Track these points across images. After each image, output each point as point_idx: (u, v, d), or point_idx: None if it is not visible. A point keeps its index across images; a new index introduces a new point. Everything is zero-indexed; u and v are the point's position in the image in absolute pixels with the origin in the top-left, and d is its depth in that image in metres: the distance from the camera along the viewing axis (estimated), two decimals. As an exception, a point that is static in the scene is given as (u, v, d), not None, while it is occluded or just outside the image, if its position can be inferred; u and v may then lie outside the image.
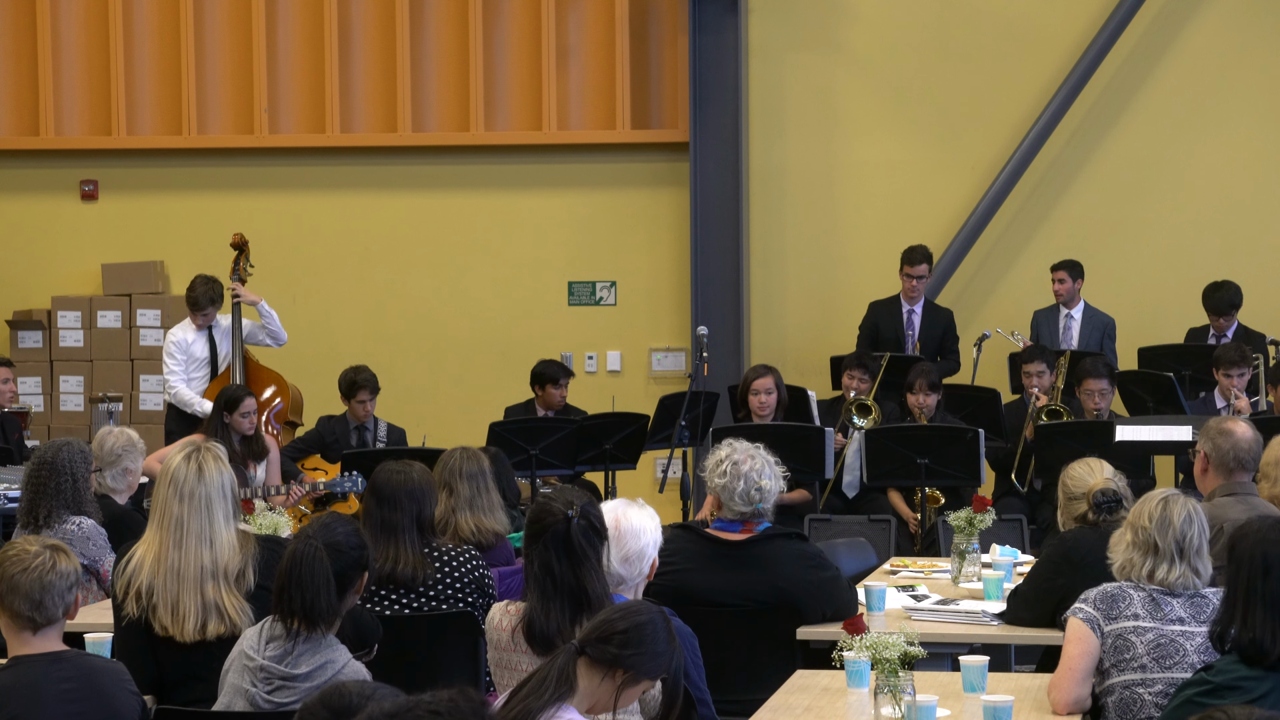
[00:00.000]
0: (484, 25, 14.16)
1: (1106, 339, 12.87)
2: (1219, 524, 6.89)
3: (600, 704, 4.47)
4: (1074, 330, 12.92)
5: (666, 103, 14.22)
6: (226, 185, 14.51)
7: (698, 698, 5.54)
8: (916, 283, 12.96)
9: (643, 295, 14.28)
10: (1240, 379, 11.24)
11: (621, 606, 4.60)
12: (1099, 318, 12.98)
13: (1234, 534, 5.06)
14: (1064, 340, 12.81)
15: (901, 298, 13.04)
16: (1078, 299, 12.98)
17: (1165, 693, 5.42)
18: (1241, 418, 7.72)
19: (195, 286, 12.24)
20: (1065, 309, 12.97)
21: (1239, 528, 5.10)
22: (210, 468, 5.97)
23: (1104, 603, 5.59)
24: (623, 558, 5.49)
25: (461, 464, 7.38)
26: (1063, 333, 12.91)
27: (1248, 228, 13.66)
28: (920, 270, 12.94)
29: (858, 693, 5.72)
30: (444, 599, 6.59)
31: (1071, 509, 6.77)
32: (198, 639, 5.88)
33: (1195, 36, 13.76)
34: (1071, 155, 13.88)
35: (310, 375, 13.10)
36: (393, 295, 14.44)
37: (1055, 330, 12.93)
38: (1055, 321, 12.98)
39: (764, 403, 11.22)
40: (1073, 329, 12.93)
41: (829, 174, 14.10)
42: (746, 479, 6.67)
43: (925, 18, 13.97)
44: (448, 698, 3.59)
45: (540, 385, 12.36)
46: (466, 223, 14.40)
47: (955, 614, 6.98)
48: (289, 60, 14.40)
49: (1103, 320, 12.97)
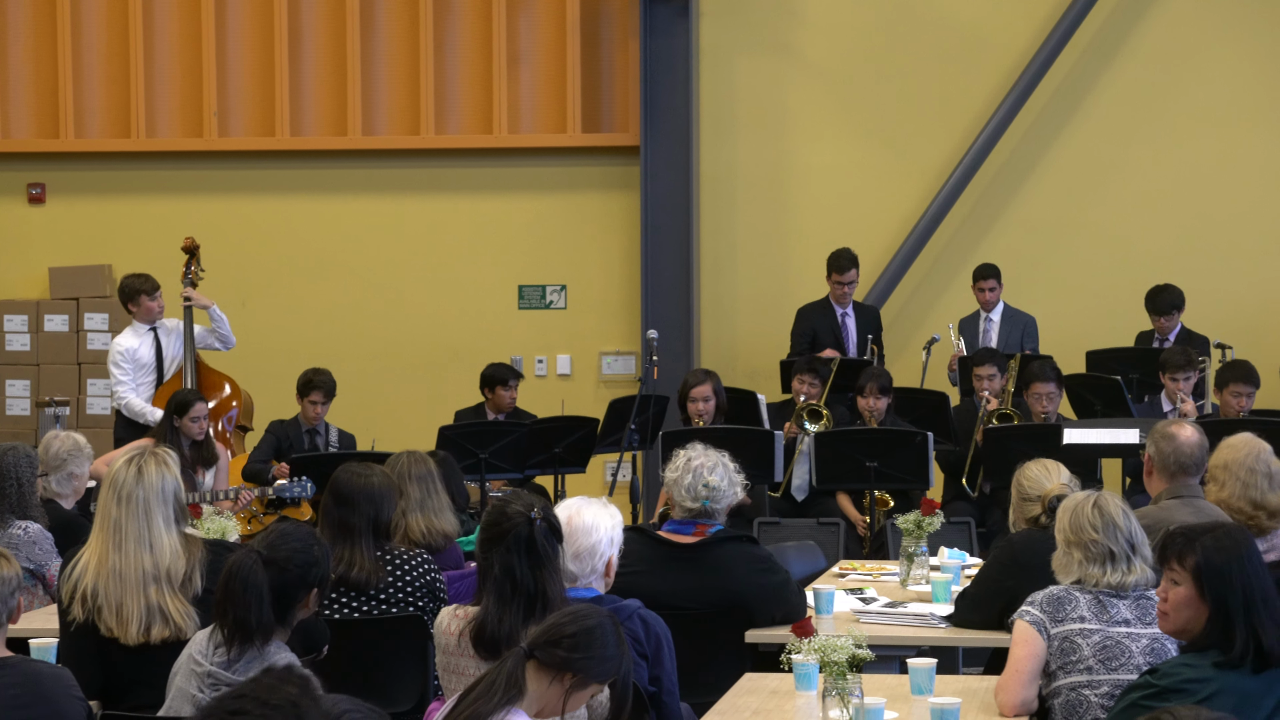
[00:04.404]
0: (435, 28, 14.15)
1: (1026, 338, 12.91)
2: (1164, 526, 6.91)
3: (549, 708, 4.46)
4: (993, 332, 12.97)
5: (617, 106, 14.23)
6: (175, 189, 14.46)
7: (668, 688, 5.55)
8: (847, 289, 12.97)
9: (593, 299, 14.28)
10: (1186, 383, 11.30)
11: (571, 610, 4.60)
12: (1018, 318, 13.03)
13: (1200, 553, 4.93)
14: (984, 343, 12.85)
15: (831, 301, 13.03)
16: (999, 302, 13.05)
17: (1111, 694, 5.45)
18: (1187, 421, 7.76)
19: (122, 281, 12.23)
20: (985, 313, 13.02)
21: (1195, 544, 4.96)
22: (151, 472, 5.94)
23: (1050, 605, 5.61)
24: (574, 553, 5.50)
25: (410, 466, 7.39)
26: (981, 336, 12.95)
27: (1194, 231, 13.74)
28: (850, 277, 12.95)
29: (806, 695, 5.73)
30: (395, 603, 6.58)
31: (1025, 510, 6.78)
32: (142, 642, 5.86)
33: (1141, 43, 13.84)
34: (1020, 160, 13.95)
35: (260, 379, 13.05)
36: (343, 298, 14.41)
37: (976, 335, 12.97)
38: (975, 326, 13.03)
39: (702, 410, 11.22)
40: (991, 331, 12.98)
41: (779, 178, 14.13)
42: (695, 474, 6.72)
43: (875, 22, 14.02)
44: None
45: (490, 387, 12.37)
46: (417, 226, 14.38)
47: (903, 616, 7.00)
48: (238, 63, 14.36)
49: (1022, 320, 13.02)
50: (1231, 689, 4.85)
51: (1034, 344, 12.89)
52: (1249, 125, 13.73)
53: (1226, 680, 4.86)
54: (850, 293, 13.02)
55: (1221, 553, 4.92)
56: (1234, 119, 13.74)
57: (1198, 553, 4.93)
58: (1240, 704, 4.82)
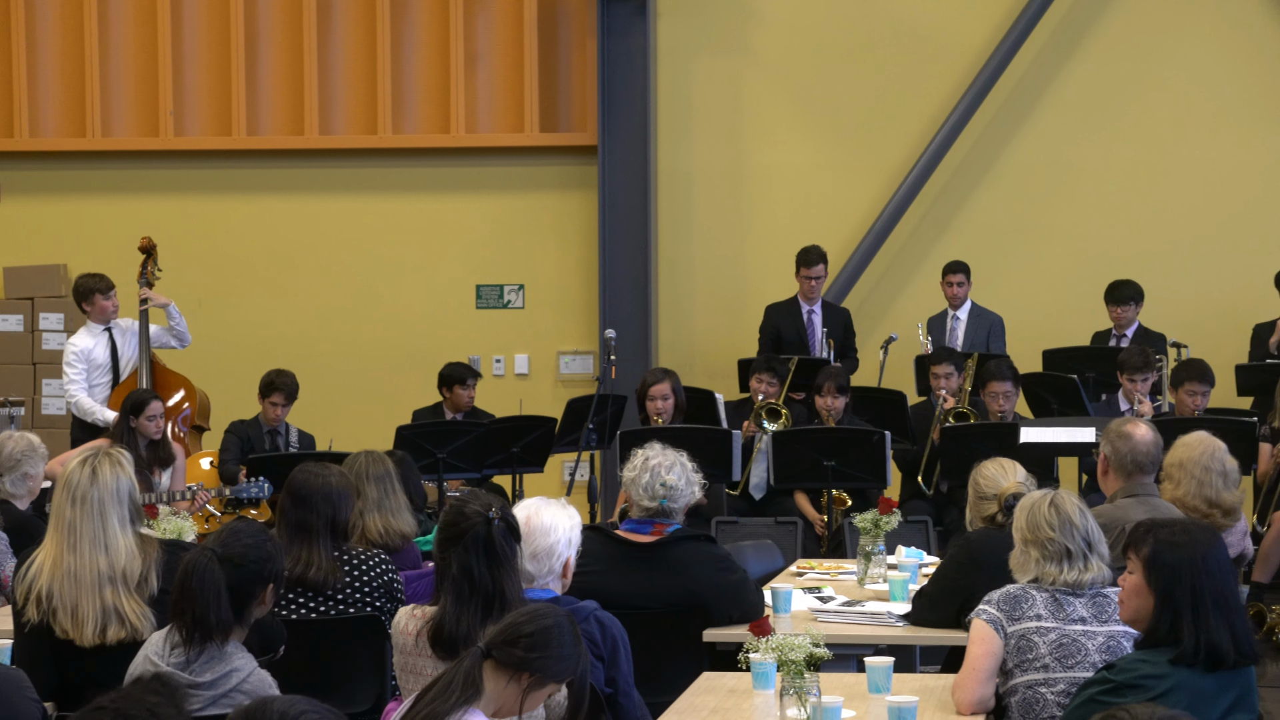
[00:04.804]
0: (392, 28, 14.12)
1: (993, 338, 12.95)
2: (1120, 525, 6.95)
3: (506, 707, 4.46)
4: (959, 331, 13.00)
5: (575, 106, 14.22)
6: (131, 188, 14.39)
7: (624, 689, 5.56)
8: (815, 283, 13.00)
9: (551, 298, 14.27)
10: (1144, 383, 11.34)
11: (528, 610, 4.59)
12: (986, 317, 13.07)
13: (1152, 543, 4.98)
14: (950, 341, 12.89)
15: (799, 299, 13.06)
16: (966, 300, 13.08)
17: (1067, 692, 5.47)
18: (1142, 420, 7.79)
19: (76, 281, 12.19)
20: (952, 311, 13.06)
21: (1157, 538, 5.01)
22: (105, 472, 5.92)
23: (1007, 604, 5.62)
24: (531, 554, 5.50)
25: (367, 466, 7.37)
26: (949, 335, 12.99)
27: (1151, 231, 13.79)
28: (818, 271, 12.97)
29: (764, 694, 5.73)
30: (353, 603, 6.56)
31: (981, 508, 6.80)
32: (98, 643, 5.84)
33: (1098, 43, 13.89)
34: (977, 159, 13.98)
35: (216, 379, 13.02)
36: (300, 298, 14.37)
37: (943, 333, 13.01)
38: (944, 325, 13.06)
39: (660, 408, 11.23)
40: (958, 330, 13.01)
41: (737, 177, 14.14)
42: (653, 473, 6.72)
43: (833, 22, 14.04)
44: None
45: (448, 387, 12.36)
46: (374, 226, 14.35)
47: (861, 615, 7.02)
48: (194, 62, 14.30)
49: (990, 319, 13.06)
50: (1187, 686, 4.88)
51: (1001, 344, 12.93)
52: (1204, 125, 13.79)
53: (1182, 677, 4.89)
54: (818, 288, 13.04)
55: (1174, 547, 4.95)
56: (1190, 118, 13.80)
57: (1150, 543, 4.97)
58: (1195, 701, 4.84)
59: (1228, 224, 13.75)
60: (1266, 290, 12.79)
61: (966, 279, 13.03)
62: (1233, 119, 13.77)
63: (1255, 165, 13.74)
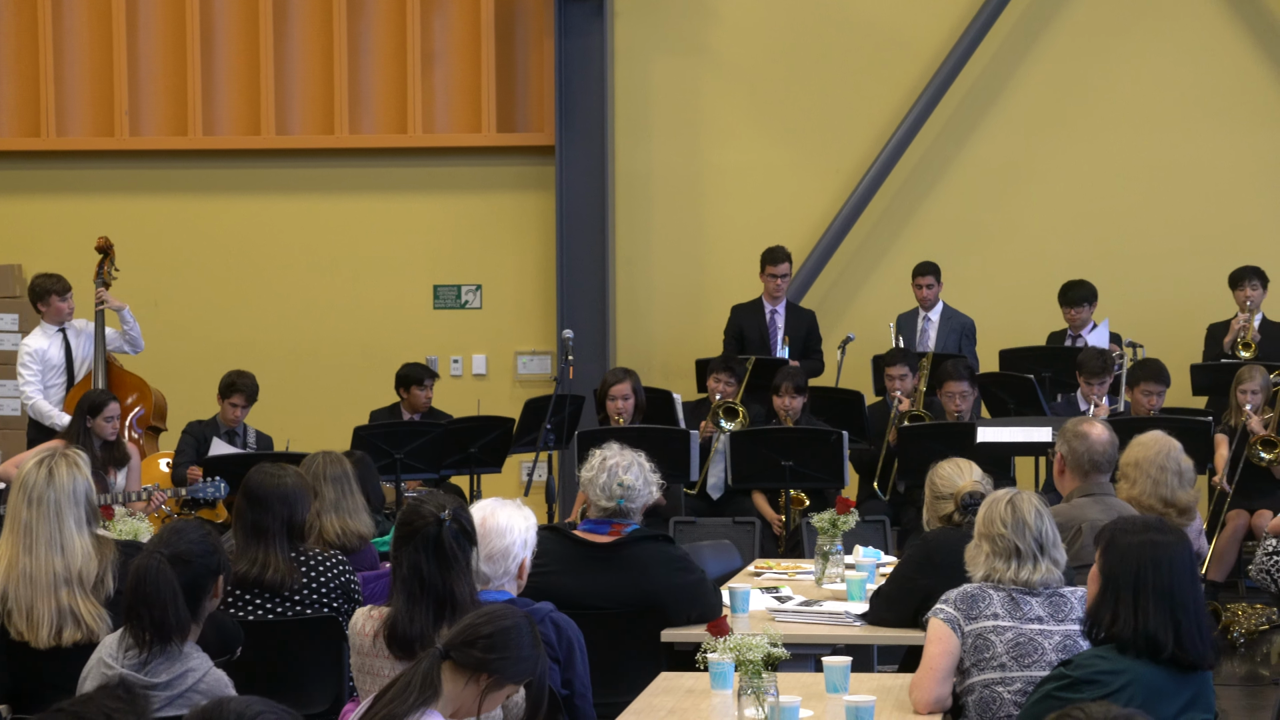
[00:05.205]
0: (348, 27, 14.09)
1: (965, 340, 12.98)
2: (1077, 525, 6.99)
3: (464, 709, 4.46)
4: (931, 333, 13.03)
5: (532, 106, 14.21)
6: (86, 188, 14.33)
7: (580, 691, 5.56)
8: (780, 281, 13.01)
9: (508, 298, 14.26)
10: (1101, 386, 11.39)
11: (486, 611, 4.59)
12: (957, 319, 13.09)
13: (1110, 529, 5.08)
14: (921, 343, 12.92)
15: (764, 299, 13.09)
16: (938, 301, 13.10)
17: (1024, 691, 5.49)
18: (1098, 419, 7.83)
19: (32, 281, 12.13)
20: (923, 312, 13.08)
21: (1115, 523, 5.12)
22: (62, 473, 5.90)
23: (964, 603, 5.64)
24: (487, 555, 5.49)
25: (325, 467, 7.36)
26: (920, 335, 13.02)
27: (1106, 231, 13.85)
28: (783, 269, 12.99)
29: (722, 694, 5.73)
30: (310, 604, 6.55)
31: (938, 508, 6.82)
32: (53, 645, 5.81)
33: (1054, 44, 13.94)
34: (935, 159, 14.02)
35: (172, 380, 12.97)
36: (257, 299, 14.32)
37: (914, 333, 13.04)
38: (914, 325, 13.09)
39: (621, 408, 11.24)
40: (930, 331, 13.04)
41: (694, 177, 14.15)
42: (610, 473, 6.73)
43: (790, 22, 14.06)
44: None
45: (405, 387, 12.34)
46: (331, 226, 14.31)
47: (819, 615, 7.03)
48: (150, 61, 14.25)
49: (961, 321, 13.08)
50: (1143, 682, 4.90)
51: (971, 346, 12.95)
52: (1159, 125, 13.84)
53: (1138, 673, 4.91)
54: (783, 286, 13.04)
55: (1128, 536, 5.01)
56: (1145, 119, 13.85)
57: (1110, 533, 5.04)
58: (1151, 698, 4.87)
59: (1182, 224, 13.82)
60: (1220, 290, 12.86)
61: (936, 281, 13.02)
62: (1187, 120, 13.83)
63: (1210, 165, 13.81)
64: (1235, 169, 13.79)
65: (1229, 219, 13.77)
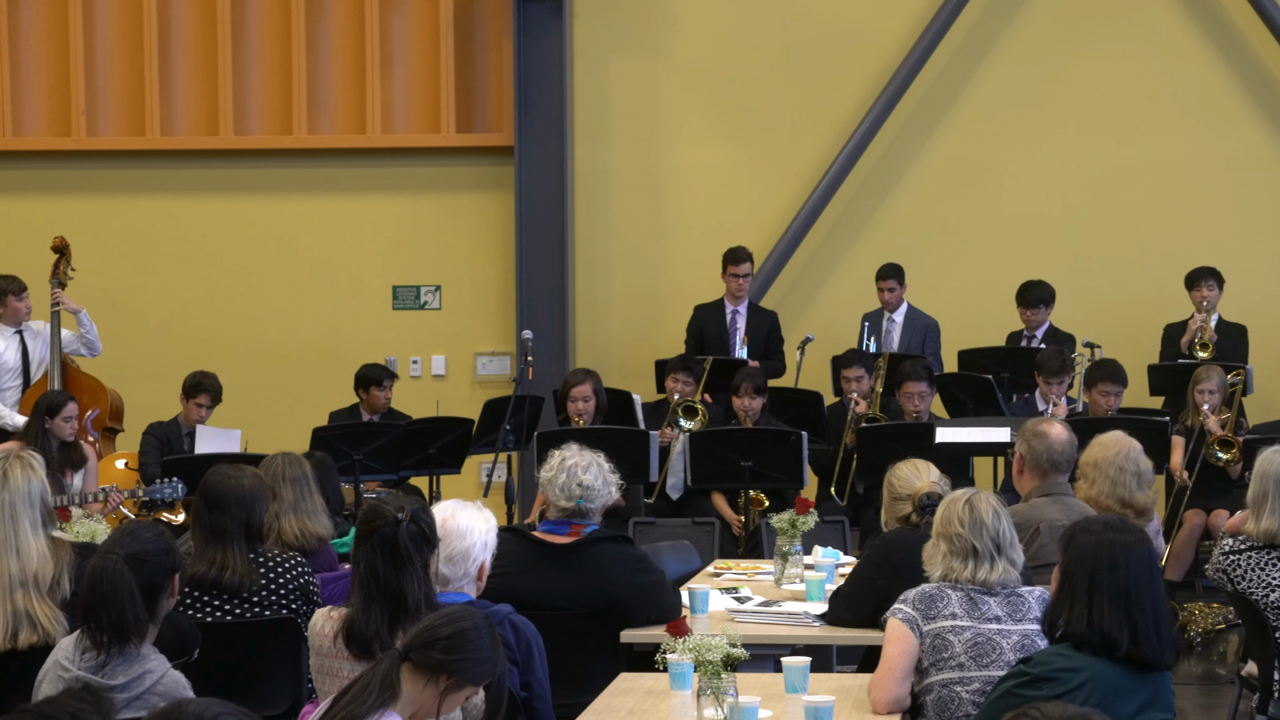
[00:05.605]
0: (307, 27, 14.05)
1: (928, 341, 13.01)
2: (1035, 524, 7.01)
3: (424, 710, 4.45)
4: (895, 334, 13.06)
5: (491, 107, 14.19)
6: (42, 188, 14.26)
7: (539, 693, 5.55)
8: (742, 282, 13.03)
9: (467, 299, 14.24)
10: (1060, 386, 11.43)
11: (446, 612, 4.58)
12: (921, 320, 13.12)
13: (1073, 527, 5.11)
14: (885, 343, 12.95)
15: (725, 300, 13.11)
16: (901, 303, 13.13)
17: (982, 691, 5.50)
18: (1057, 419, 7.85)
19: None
20: (888, 313, 13.11)
21: (1078, 523, 5.15)
22: (16, 475, 5.87)
23: (923, 603, 5.66)
24: (447, 557, 5.49)
25: (284, 468, 7.33)
26: (884, 336, 13.05)
27: (1063, 232, 13.90)
28: (744, 269, 13.01)
29: (681, 695, 5.74)
30: (268, 605, 6.53)
31: (896, 509, 6.83)
32: (8, 648, 5.78)
33: (1013, 44, 13.98)
34: (893, 160, 14.05)
35: (130, 381, 12.92)
36: (215, 299, 14.27)
37: (879, 333, 13.06)
38: (880, 325, 13.12)
39: (582, 409, 11.24)
40: (894, 332, 13.07)
41: (653, 178, 14.15)
42: (569, 473, 6.73)
43: (749, 24, 14.07)
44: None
45: (364, 388, 12.32)
46: (290, 227, 14.28)
47: (778, 615, 7.03)
48: (107, 61, 14.18)
49: (924, 322, 13.11)
50: (1101, 680, 4.92)
51: (935, 347, 12.98)
52: (1116, 127, 13.90)
53: (1096, 671, 4.93)
54: (744, 286, 13.06)
55: (1088, 534, 5.04)
56: (1102, 121, 13.91)
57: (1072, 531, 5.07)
58: (1109, 696, 4.89)
59: (1139, 225, 13.87)
60: (1177, 291, 12.92)
61: (899, 284, 13.03)
62: (1144, 121, 13.89)
63: (1166, 166, 13.86)
64: (1191, 170, 13.85)
65: (1185, 220, 13.84)
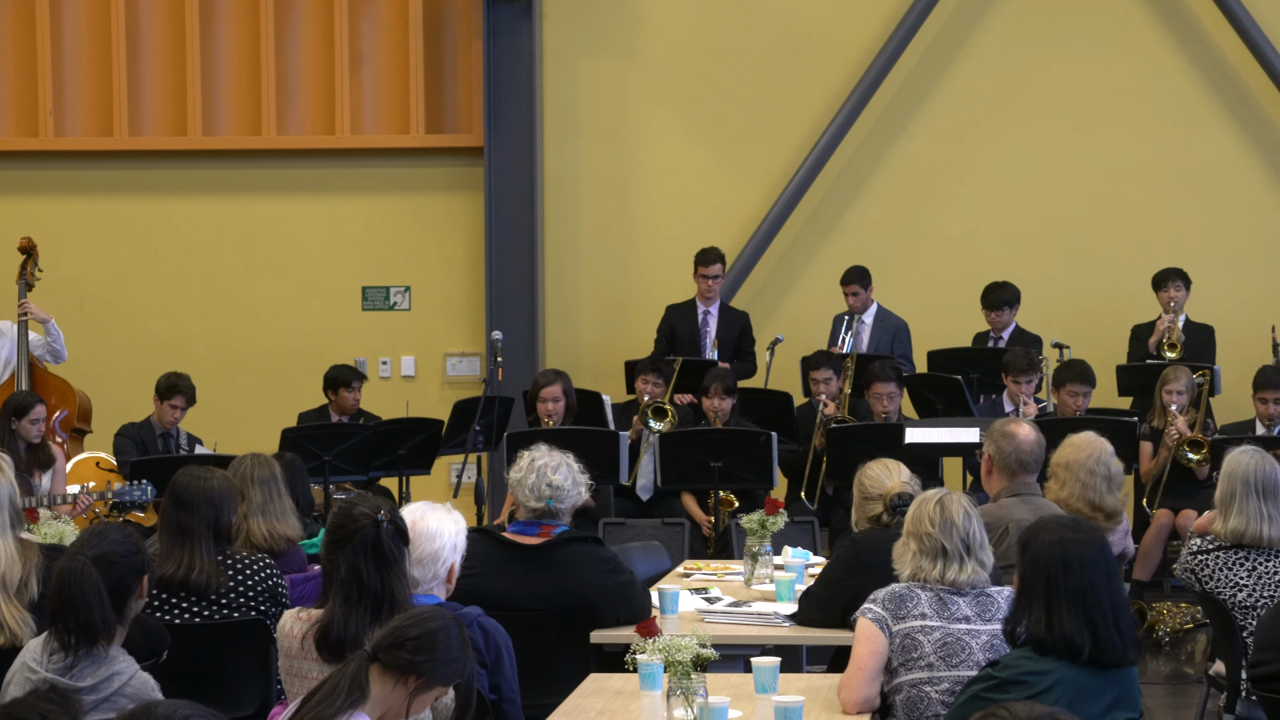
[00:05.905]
0: (276, 28, 14.02)
1: (898, 341, 13.02)
2: (1004, 524, 7.02)
3: (393, 711, 4.44)
4: (864, 334, 13.07)
5: (461, 107, 14.18)
6: (10, 188, 14.21)
7: (508, 696, 5.55)
8: (712, 283, 13.04)
9: (437, 300, 14.23)
10: (1029, 385, 11.45)
11: (414, 613, 4.58)
12: (890, 321, 13.13)
13: (1027, 531, 5.12)
14: (855, 345, 12.96)
15: (697, 300, 13.12)
16: (869, 305, 13.13)
17: (952, 691, 5.51)
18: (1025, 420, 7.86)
19: None
20: (858, 315, 13.12)
21: (1032, 526, 5.17)
22: (-16, 477, 5.85)
23: (892, 603, 5.66)
24: (417, 559, 5.49)
25: (253, 470, 7.32)
26: (854, 337, 13.06)
27: (1031, 232, 13.93)
28: (715, 270, 13.02)
29: (651, 695, 5.73)
30: (237, 607, 6.52)
31: (866, 509, 6.83)
32: (-24, 650, 5.76)
33: (981, 46, 14.01)
34: (862, 161, 14.07)
35: (97, 382, 12.87)
36: (184, 300, 14.23)
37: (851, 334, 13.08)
38: (851, 325, 13.13)
39: (552, 410, 11.24)
40: (863, 333, 13.08)
41: (623, 179, 14.15)
42: (539, 474, 6.73)
43: (718, 25, 14.08)
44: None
45: (334, 389, 12.31)
46: (258, 227, 14.24)
47: (748, 616, 7.04)
48: (75, 61, 14.14)
49: (894, 323, 13.12)
50: (1068, 682, 4.94)
51: (905, 348, 12.98)
52: (1084, 128, 13.93)
53: (1063, 673, 4.95)
54: (715, 287, 13.06)
55: (1041, 539, 5.05)
56: (1069, 122, 13.94)
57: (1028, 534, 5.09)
58: (1076, 697, 4.91)
59: (1107, 226, 13.91)
60: (1144, 291, 12.96)
61: (862, 288, 13.00)
62: (1112, 122, 13.93)
63: (1134, 167, 13.90)
64: (1158, 171, 13.90)
65: (1152, 221, 13.88)
